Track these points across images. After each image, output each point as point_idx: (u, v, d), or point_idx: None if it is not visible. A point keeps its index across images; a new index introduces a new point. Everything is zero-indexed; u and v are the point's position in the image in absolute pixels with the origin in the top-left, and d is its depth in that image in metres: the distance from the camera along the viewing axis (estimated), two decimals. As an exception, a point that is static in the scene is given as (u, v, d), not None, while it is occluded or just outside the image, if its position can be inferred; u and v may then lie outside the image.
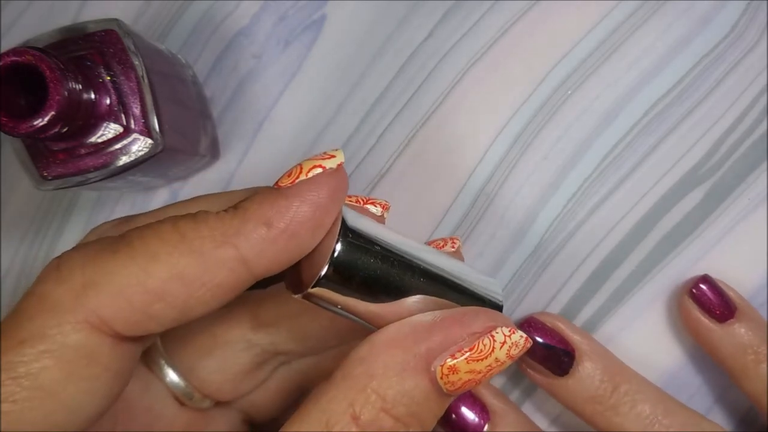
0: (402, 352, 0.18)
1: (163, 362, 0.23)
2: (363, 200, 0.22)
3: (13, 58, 0.21)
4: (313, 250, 0.19)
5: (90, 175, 0.24)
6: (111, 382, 0.18)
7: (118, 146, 0.24)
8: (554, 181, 0.30)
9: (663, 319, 0.30)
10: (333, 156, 0.19)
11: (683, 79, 0.30)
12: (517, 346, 0.19)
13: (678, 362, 0.30)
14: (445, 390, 0.19)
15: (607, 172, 0.30)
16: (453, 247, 0.24)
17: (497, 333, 0.19)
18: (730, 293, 0.28)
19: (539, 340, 0.28)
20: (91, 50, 0.24)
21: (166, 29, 0.31)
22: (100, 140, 0.24)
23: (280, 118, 0.31)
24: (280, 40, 0.31)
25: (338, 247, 0.18)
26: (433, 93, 0.31)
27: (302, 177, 0.19)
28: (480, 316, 0.19)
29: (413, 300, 0.19)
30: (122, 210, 0.31)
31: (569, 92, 0.30)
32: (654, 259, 0.30)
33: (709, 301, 0.28)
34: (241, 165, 0.31)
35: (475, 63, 0.31)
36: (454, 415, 0.27)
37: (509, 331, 0.19)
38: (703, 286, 0.28)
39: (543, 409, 0.31)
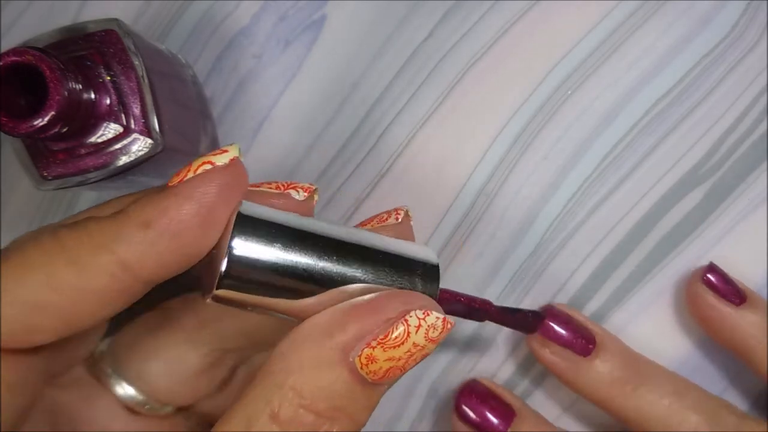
0: (317, 345, 0.18)
1: (110, 371, 0.23)
2: (284, 185, 0.21)
3: (13, 58, 0.21)
4: (218, 248, 0.18)
5: (90, 175, 0.24)
6: (8, 397, 0.17)
7: (118, 146, 0.24)
8: (554, 181, 0.30)
9: (663, 318, 0.30)
10: (225, 151, 0.18)
11: (683, 79, 0.30)
12: (434, 328, 0.18)
13: (678, 362, 0.30)
14: (370, 380, 0.18)
15: (607, 172, 0.30)
16: (397, 218, 0.22)
17: (411, 317, 0.18)
18: (736, 280, 0.28)
19: (559, 329, 0.28)
20: (91, 50, 0.24)
21: (166, 29, 0.31)
22: (100, 140, 0.24)
23: (280, 118, 0.31)
24: (280, 40, 0.31)
25: (233, 243, 0.17)
26: (433, 93, 0.31)
27: (189, 174, 0.18)
28: (392, 301, 0.18)
29: (335, 291, 0.18)
30: (122, 210, 0.31)
31: (569, 92, 0.30)
32: (654, 259, 0.30)
33: (722, 287, 0.28)
34: (241, 165, 0.31)
35: (475, 63, 0.31)
36: (477, 416, 0.27)
37: (423, 313, 0.18)
38: (711, 276, 0.28)
39: (548, 404, 0.31)
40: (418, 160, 0.31)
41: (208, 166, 0.18)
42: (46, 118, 0.21)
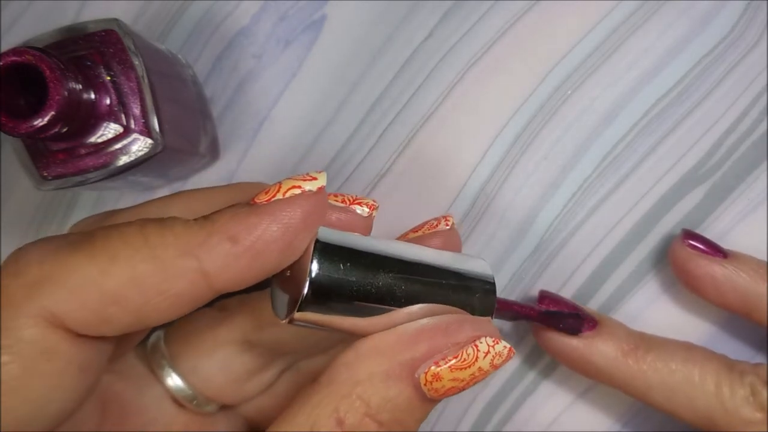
0: (387, 359, 0.19)
1: (165, 363, 0.23)
2: (350, 200, 0.22)
3: (13, 58, 0.21)
4: (295, 271, 0.19)
5: (90, 175, 0.24)
6: (76, 377, 0.18)
7: (118, 146, 0.24)
8: (554, 181, 0.30)
9: (663, 318, 0.30)
10: (314, 178, 0.19)
11: (683, 79, 0.30)
12: (500, 356, 0.20)
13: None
14: (429, 396, 0.19)
15: (607, 172, 0.30)
16: (447, 224, 0.24)
17: (481, 343, 0.19)
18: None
19: (559, 302, 0.28)
20: (91, 50, 0.24)
21: (166, 29, 0.31)
22: (100, 140, 0.24)
23: (280, 118, 0.31)
24: (280, 40, 0.31)
25: (313, 269, 0.18)
26: (433, 93, 0.31)
27: (278, 196, 0.19)
28: (465, 326, 0.20)
29: (402, 311, 0.19)
30: (122, 210, 0.31)
31: (569, 92, 0.30)
32: (654, 259, 0.30)
33: (707, 249, 0.28)
34: (241, 165, 0.31)
35: (475, 63, 0.31)
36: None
37: (493, 341, 0.20)
38: (693, 242, 0.28)
39: (554, 397, 0.31)
40: (418, 160, 0.31)
41: (297, 191, 0.19)
42: (46, 118, 0.21)
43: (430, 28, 0.31)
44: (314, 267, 0.18)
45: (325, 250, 0.19)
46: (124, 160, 0.24)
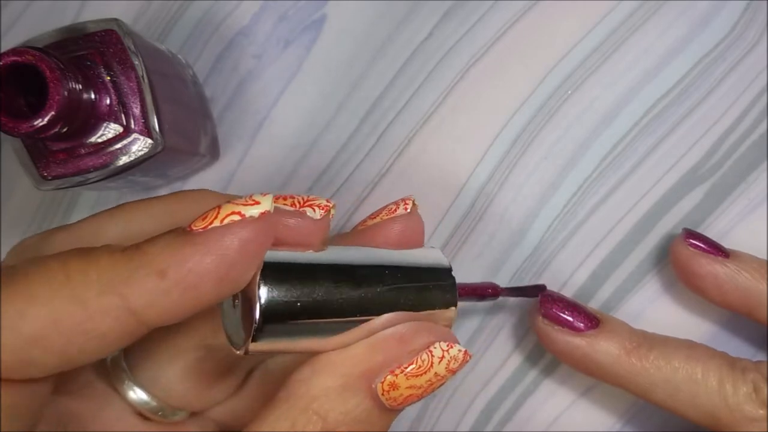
0: (342, 372, 0.19)
1: (124, 377, 0.22)
2: (300, 202, 0.20)
3: (13, 58, 0.21)
4: (244, 299, 0.18)
5: (90, 175, 0.24)
6: (6, 424, 0.17)
7: (118, 146, 0.24)
8: (554, 181, 0.30)
9: (663, 318, 0.30)
10: (257, 203, 0.17)
11: (683, 79, 0.30)
12: (456, 360, 0.20)
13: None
14: (388, 406, 0.19)
15: (607, 172, 0.30)
16: (406, 208, 0.23)
17: (435, 348, 0.19)
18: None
19: (558, 311, 0.28)
20: (91, 50, 0.24)
21: (166, 29, 0.31)
22: (100, 140, 0.24)
23: (280, 118, 0.31)
24: (280, 40, 0.31)
25: (262, 297, 0.17)
26: (433, 93, 0.31)
27: (215, 223, 0.17)
28: (419, 333, 0.19)
29: (362, 327, 0.19)
30: (122, 210, 0.31)
31: (569, 92, 0.30)
32: (654, 259, 0.30)
33: (709, 248, 0.28)
34: (241, 165, 0.31)
35: (475, 63, 0.31)
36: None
37: (447, 345, 0.19)
38: (695, 241, 0.28)
39: (555, 396, 0.31)
40: (418, 160, 0.31)
41: (237, 217, 0.17)
42: (46, 118, 0.21)
43: (430, 28, 0.31)
44: (262, 295, 0.17)
45: (273, 276, 0.18)
46: (124, 160, 0.24)
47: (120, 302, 0.16)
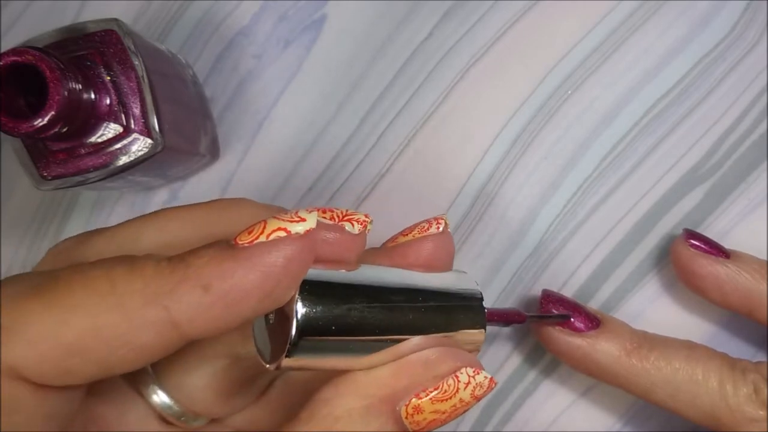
0: (366, 394, 0.18)
1: (149, 380, 0.22)
2: (339, 216, 0.20)
3: (13, 58, 0.21)
4: (280, 314, 0.18)
5: (90, 175, 0.24)
6: (43, 427, 0.17)
7: (118, 146, 0.24)
8: (554, 181, 0.30)
9: (663, 318, 0.30)
10: (303, 219, 0.17)
11: (683, 79, 0.30)
12: (481, 386, 0.19)
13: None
14: (410, 429, 0.19)
15: (607, 172, 0.30)
16: (438, 228, 0.23)
17: (461, 374, 0.19)
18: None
19: (558, 310, 0.28)
20: (91, 50, 0.24)
21: (166, 29, 0.31)
22: (100, 140, 0.24)
23: (280, 118, 0.31)
24: (280, 40, 0.31)
25: (299, 313, 0.17)
26: (433, 93, 0.31)
27: (261, 238, 0.17)
28: (445, 358, 0.19)
29: (392, 349, 0.19)
30: (122, 210, 0.31)
31: (569, 92, 0.30)
32: (654, 259, 0.30)
33: (709, 249, 0.28)
34: (241, 165, 0.31)
35: (475, 63, 0.31)
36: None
37: (473, 371, 0.19)
38: (695, 241, 0.28)
39: (554, 396, 0.31)
40: (418, 160, 0.31)
41: (282, 233, 0.17)
42: (46, 118, 0.21)
43: (430, 28, 0.31)
44: (300, 312, 0.17)
45: (312, 293, 0.18)
46: (124, 160, 0.24)
47: (163, 314, 0.16)
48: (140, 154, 0.24)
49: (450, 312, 0.20)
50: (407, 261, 0.22)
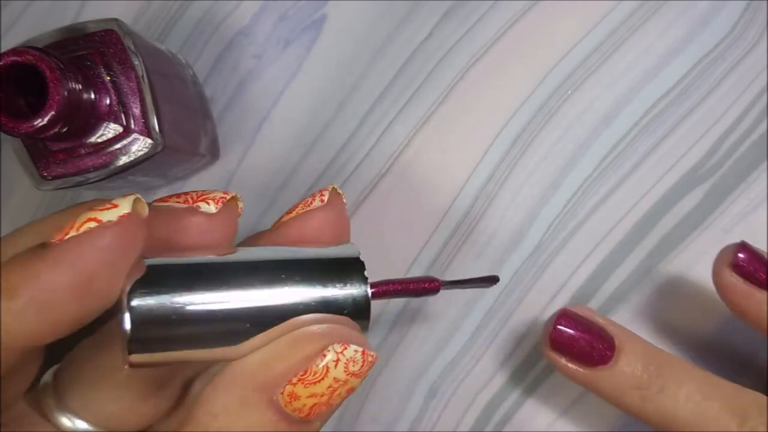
0: (240, 387, 0.17)
1: (53, 404, 0.21)
2: (194, 198, 0.19)
3: (13, 58, 0.21)
4: (119, 311, 0.17)
5: (90, 175, 0.24)
6: None
7: (118, 146, 0.24)
8: (554, 181, 0.30)
9: (663, 319, 0.30)
10: (115, 206, 0.16)
11: (683, 79, 0.30)
12: (354, 362, 0.18)
13: (678, 362, 0.30)
14: (297, 418, 0.18)
15: (607, 172, 0.30)
16: (322, 200, 0.21)
17: (328, 351, 0.18)
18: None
19: (575, 332, 0.27)
20: (91, 50, 0.24)
21: (166, 29, 0.31)
22: (100, 140, 0.24)
23: (280, 118, 0.31)
24: (280, 40, 0.31)
25: (132, 305, 0.16)
26: (433, 93, 0.31)
27: (72, 233, 0.16)
28: (311, 337, 0.18)
29: (260, 336, 0.18)
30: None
31: (569, 92, 0.30)
32: (654, 259, 0.30)
33: (752, 269, 0.26)
34: (241, 165, 0.31)
35: (475, 63, 0.31)
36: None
37: (341, 347, 0.18)
38: (742, 255, 0.26)
39: (550, 402, 0.31)
40: (418, 160, 0.31)
41: (93, 224, 0.16)
42: (46, 118, 0.21)
43: (430, 28, 0.31)
44: (131, 304, 0.16)
45: (148, 283, 0.16)
46: (124, 160, 0.24)
47: None
48: (140, 154, 0.24)
49: (325, 288, 0.18)
50: (290, 240, 0.20)
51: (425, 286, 0.21)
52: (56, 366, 0.22)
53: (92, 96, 0.23)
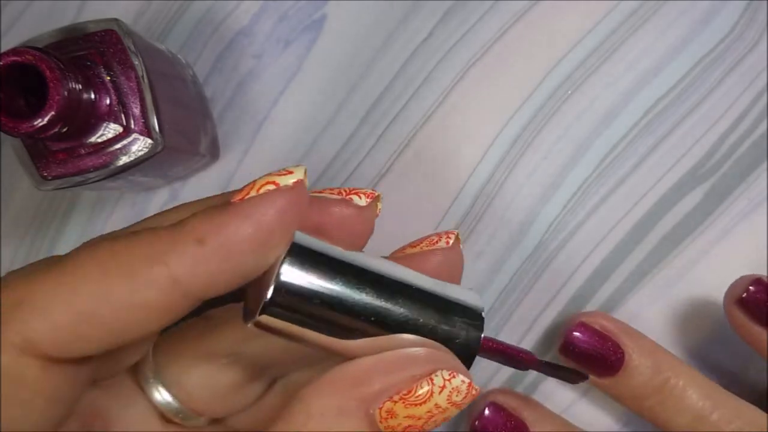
0: (341, 394, 0.18)
1: (150, 376, 0.22)
2: (346, 191, 0.20)
3: (13, 58, 0.21)
4: (264, 274, 0.18)
5: (90, 175, 0.24)
6: (44, 407, 0.17)
7: (118, 146, 0.24)
8: (554, 181, 0.30)
9: (663, 319, 0.30)
10: (290, 172, 0.18)
11: (683, 80, 0.30)
12: (458, 391, 0.18)
13: (678, 362, 0.30)
14: None
15: (607, 172, 0.30)
16: (448, 242, 0.22)
17: (436, 377, 0.18)
18: None
19: (586, 343, 0.28)
20: (91, 50, 0.24)
21: (166, 29, 0.31)
22: (100, 140, 0.24)
23: (280, 118, 0.31)
24: (280, 40, 0.31)
25: (282, 270, 0.17)
26: (433, 93, 0.31)
27: (252, 193, 0.17)
28: (423, 360, 0.18)
29: (375, 341, 0.18)
30: (122, 210, 0.31)
31: (569, 92, 0.30)
32: (654, 260, 0.30)
33: (758, 305, 0.27)
34: (241, 165, 0.31)
35: (475, 63, 0.31)
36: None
37: (449, 374, 0.18)
38: (752, 288, 0.27)
39: (553, 399, 0.31)
40: (418, 159, 0.31)
41: (272, 186, 0.18)
42: (46, 118, 0.21)
43: (430, 28, 0.31)
44: (283, 269, 0.17)
45: (299, 254, 0.18)
46: (124, 160, 0.24)
47: (163, 271, 0.17)
48: (140, 154, 0.24)
49: (444, 321, 0.19)
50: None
51: (521, 356, 0.22)
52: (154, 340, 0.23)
53: (92, 96, 0.23)
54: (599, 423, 0.30)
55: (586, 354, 0.28)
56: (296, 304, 0.18)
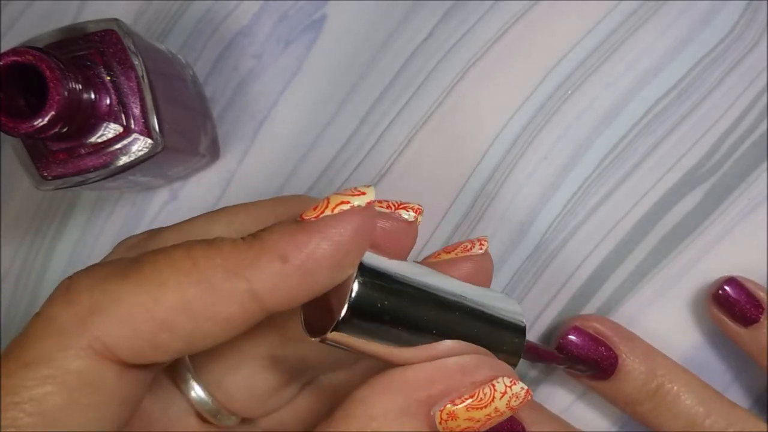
0: (402, 396, 0.18)
1: (189, 377, 0.22)
2: (395, 205, 0.21)
3: (13, 58, 0.21)
4: (330, 291, 0.18)
5: (90, 175, 0.24)
6: (116, 410, 0.18)
7: (118, 146, 0.24)
8: (554, 181, 0.30)
9: (662, 319, 0.30)
10: (363, 193, 0.18)
11: (683, 79, 0.30)
12: (517, 397, 0.19)
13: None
14: None
15: (607, 172, 0.30)
16: (481, 248, 0.23)
17: (498, 383, 0.19)
18: (760, 293, 0.28)
19: (579, 347, 0.28)
20: (91, 50, 0.24)
21: (166, 29, 0.31)
22: (100, 140, 0.24)
23: (280, 118, 0.31)
24: (280, 40, 0.31)
25: (354, 290, 0.18)
26: (433, 93, 0.31)
27: (327, 212, 0.18)
28: (484, 366, 0.19)
29: (432, 347, 0.19)
30: (122, 210, 0.31)
31: (569, 92, 0.30)
32: (654, 260, 0.30)
33: (734, 304, 0.28)
34: (241, 165, 0.31)
35: (475, 63, 0.31)
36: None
37: (510, 381, 0.19)
38: (728, 288, 0.28)
39: (553, 397, 0.31)
40: (419, 160, 0.31)
41: (346, 206, 0.18)
42: (46, 118, 0.21)
43: (430, 28, 0.31)
44: (355, 288, 0.18)
45: (368, 273, 0.18)
46: (124, 160, 0.24)
47: (245, 286, 0.17)
48: (140, 154, 0.24)
49: (492, 327, 0.20)
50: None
51: (551, 357, 0.26)
52: None
53: (92, 96, 0.23)
54: (598, 423, 0.30)
55: (579, 358, 0.28)
56: (365, 322, 0.18)
